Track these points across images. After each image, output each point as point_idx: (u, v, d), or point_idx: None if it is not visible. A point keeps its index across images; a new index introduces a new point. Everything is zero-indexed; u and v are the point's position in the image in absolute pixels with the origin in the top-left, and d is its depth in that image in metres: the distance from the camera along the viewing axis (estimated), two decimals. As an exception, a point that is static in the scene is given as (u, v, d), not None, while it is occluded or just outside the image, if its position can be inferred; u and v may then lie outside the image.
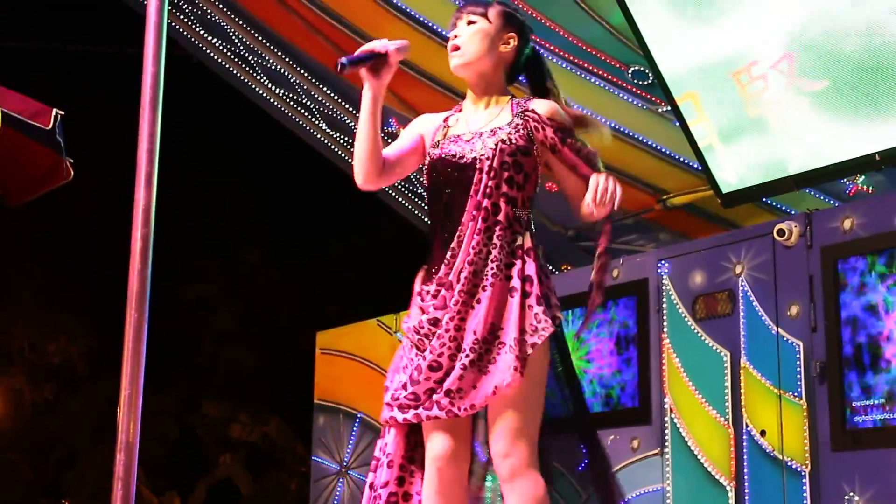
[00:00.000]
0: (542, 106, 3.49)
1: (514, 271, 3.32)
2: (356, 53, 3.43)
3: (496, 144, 3.38)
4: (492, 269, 3.31)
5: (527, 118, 3.44)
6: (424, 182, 3.55)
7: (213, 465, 23.37)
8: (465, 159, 3.41)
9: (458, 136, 3.49)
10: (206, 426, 23.25)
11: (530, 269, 3.32)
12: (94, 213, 20.63)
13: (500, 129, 3.43)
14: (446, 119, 3.60)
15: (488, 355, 3.26)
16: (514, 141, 3.39)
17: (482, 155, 3.39)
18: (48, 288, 22.63)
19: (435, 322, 3.32)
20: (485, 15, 3.51)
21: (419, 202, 9.07)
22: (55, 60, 21.27)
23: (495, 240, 3.34)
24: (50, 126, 5.08)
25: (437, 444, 3.37)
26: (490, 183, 3.36)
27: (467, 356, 3.25)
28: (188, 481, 23.30)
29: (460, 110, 3.61)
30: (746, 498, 5.68)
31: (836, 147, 6.11)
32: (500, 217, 3.35)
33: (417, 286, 3.46)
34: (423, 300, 3.39)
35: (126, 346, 3.44)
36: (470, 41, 3.49)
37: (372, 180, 3.52)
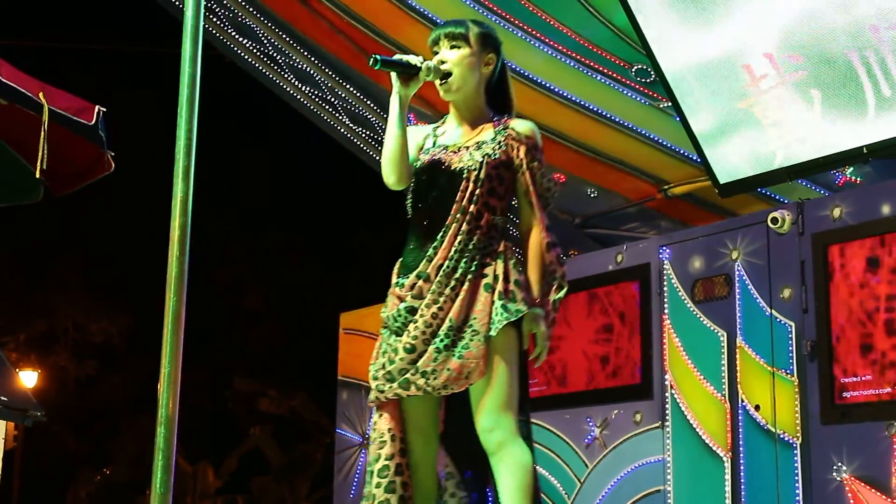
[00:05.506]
0: (520, 125, 3.59)
1: (489, 270, 3.44)
2: (393, 57, 3.51)
3: (483, 157, 3.50)
4: (470, 267, 3.43)
5: (507, 135, 3.55)
6: (412, 184, 3.62)
7: (244, 437, 23.45)
8: (453, 168, 3.51)
9: (446, 146, 3.58)
10: (237, 400, 23.34)
11: (500, 269, 3.44)
12: (133, 203, 20.71)
13: (484, 143, 3.54)
14: (434, 129, 3.69)
15: (461, 342, 3.38)
16: (497, 155, 3.51)
17: (469, 166, 3.49)
18: (91, 272, 22.73)
19: (412, 310, 3.45)
20: (466, 38, 3.57)
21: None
22: (101, 61, 21.33)
23: (474, 242, 3.46)
24: (93, 122, 5.09)
25: (411, 423, 3.53)
26: (476, 191, 3.47)
27: (441, 341, 3.38)
28: (220, 451, 23.40)
29: (444, 123, 3.70)
30: (741, 468, 5.69)
31: (827, 140, 6.10)
32: (482, 223, 3.48)
33: (394, 278, 3.58)
34: (401, 290, 3.51)
35: (165, 327, 3.46)
36: (457, 69, 3.55)
37: (404, 180, 3.58)
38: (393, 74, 3.51)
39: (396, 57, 3.52)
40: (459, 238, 3.45)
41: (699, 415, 5.93)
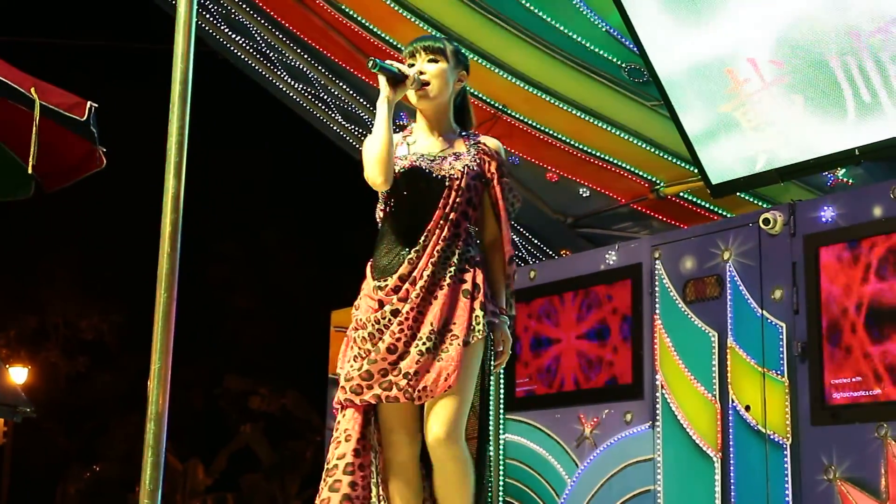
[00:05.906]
0: (490, 141, 3.77)
1: (468, 277, 3.56)
2: (390, 65, 3.63)
3: (463, 167, 3.63)
4: (450, 272, 3.54)
5: (479, 150, 3.71)
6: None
7: (234, 434, 23.44)
8: (435, 175, 3.62)
9: (423, 154, 3.68)
10: (228, 398, 23.33)
11: (479, 278, 3.57)
12: (124, 200, 20.68)
13: (462, 154, 3.67)
14: (404, 137, 3.79)
15: (441, 345, 3.47)
16: (474, 168, 3.66)
17: (452, 175, 3.61)
18: (82, 269, 22.69)
19: (395, 312, 3.53)
20: (443, 54, 3.71)
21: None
22: (93, 57, 21.29)
23: (455, 248, 3.58)
24: (85, 117, 5.07)
25: (392, 426, 3.59)
26: (458, 200, 3.60)
27: (424, 344, 3.47)
28: (211, 449, 23.38)
29: (411, 133, 3.79)
30: (732, 468, 5.69)
31: (819, 142, 6.10)
32: (461, 230, 3.60)
33: (370, 280, 3.67)
34: (382, 294, 3.58)
35: (156, 324, 3.46)
36: (435, 80, 3.68)
37: (391, 181, 3.63)
38: (382, 79, 3.62)
39: (389, 63, 3.64)
40: (441, 244, 3.55)
41: (690, 415, 5.93)
